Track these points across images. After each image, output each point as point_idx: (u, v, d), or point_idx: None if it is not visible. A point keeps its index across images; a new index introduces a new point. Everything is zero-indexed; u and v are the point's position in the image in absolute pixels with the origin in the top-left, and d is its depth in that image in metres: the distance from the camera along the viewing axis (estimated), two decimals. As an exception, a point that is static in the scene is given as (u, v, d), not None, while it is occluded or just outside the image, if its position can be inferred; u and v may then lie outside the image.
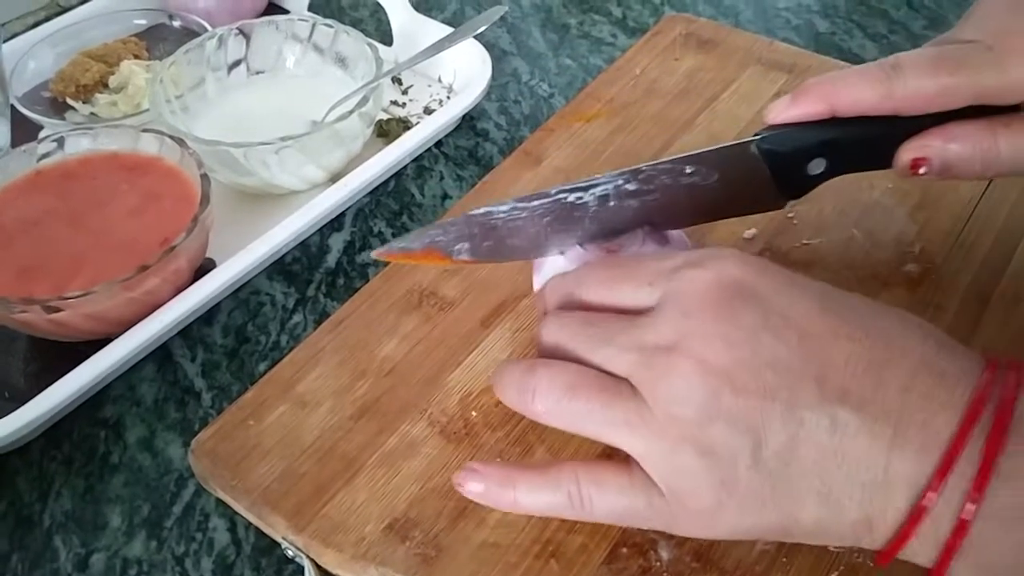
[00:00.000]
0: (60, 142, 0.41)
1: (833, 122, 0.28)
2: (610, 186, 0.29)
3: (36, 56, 0.50)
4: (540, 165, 0.43)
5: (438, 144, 0.48)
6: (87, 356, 0.35)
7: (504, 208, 0.29)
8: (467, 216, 0.30)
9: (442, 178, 0.46)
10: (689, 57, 0.49)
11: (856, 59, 0.52)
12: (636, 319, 0.25)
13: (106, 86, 0.49)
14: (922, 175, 0.28)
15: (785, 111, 0.28)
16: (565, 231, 0.30)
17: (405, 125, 0.48)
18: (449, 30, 0.49)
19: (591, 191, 0.29)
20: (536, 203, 0.29)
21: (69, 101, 0.49)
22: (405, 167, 0.46)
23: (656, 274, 0.25)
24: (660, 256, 0.26)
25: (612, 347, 0.24)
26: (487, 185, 0.42)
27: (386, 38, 0.52)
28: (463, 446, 0.32)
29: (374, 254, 0.31)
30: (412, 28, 0.51)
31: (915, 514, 0.21)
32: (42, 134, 0.46)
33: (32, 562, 0.32)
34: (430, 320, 0.36)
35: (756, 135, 0.29)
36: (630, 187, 0.29)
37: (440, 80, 0.51)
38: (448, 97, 0.50)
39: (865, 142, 0.29)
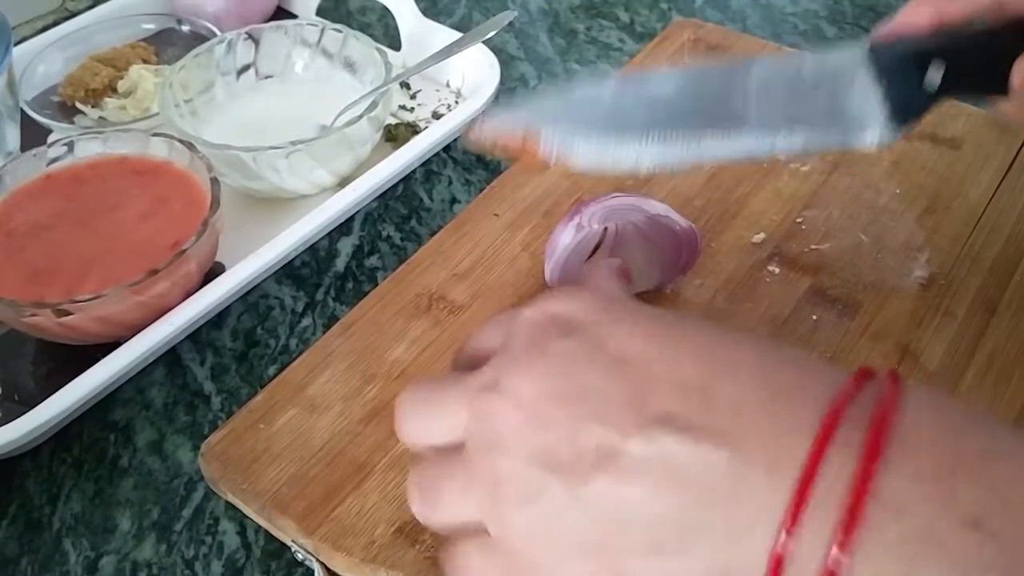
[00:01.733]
0: (70, 146, 0.41)
1: (947, 31, 0.26)
2: (698, 71, 0.28)
3: (45, 60, 0.50)
4: (548, 170, 0.43)
5: (446, 149, 0.48)
6: (97, 360, 0.35)
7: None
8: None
9: (450, 183, 0.46)
10: (697, 62, 0.49)
11: (863, 65, 0.52)
12: (476, 370, 0.22)
13: (115, 90, 0.49)
14: None
15: (891, 26, 0.26)
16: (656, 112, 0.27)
17: (414, 130, 0.48)
18: (457, 35, 0.49)
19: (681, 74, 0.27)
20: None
21: (78, 105, 0.49)
22: (414, 172, 0.46)
23: (504, 318, 0.23)
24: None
25: (446, 403, 0.22)
26: (495, 190, 0.42)
27: (394, 43, 0.52)
28: (473, 450, 0.32)
29: (471, 135, 0.28)
30: (420, 33, 0.51)
31: (773, 564, 0.17)
32: (51, 138, 0.47)
33: (42, 565, 0.32)
34: (439, 324, 0.36)
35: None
36: (713, 75, 0.27)
37: (448, 85, 0.51)
38: (456, 102, 0.50)
39: (982, 51, 0.26)
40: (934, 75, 0.26)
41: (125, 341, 0.36)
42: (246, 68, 0.48)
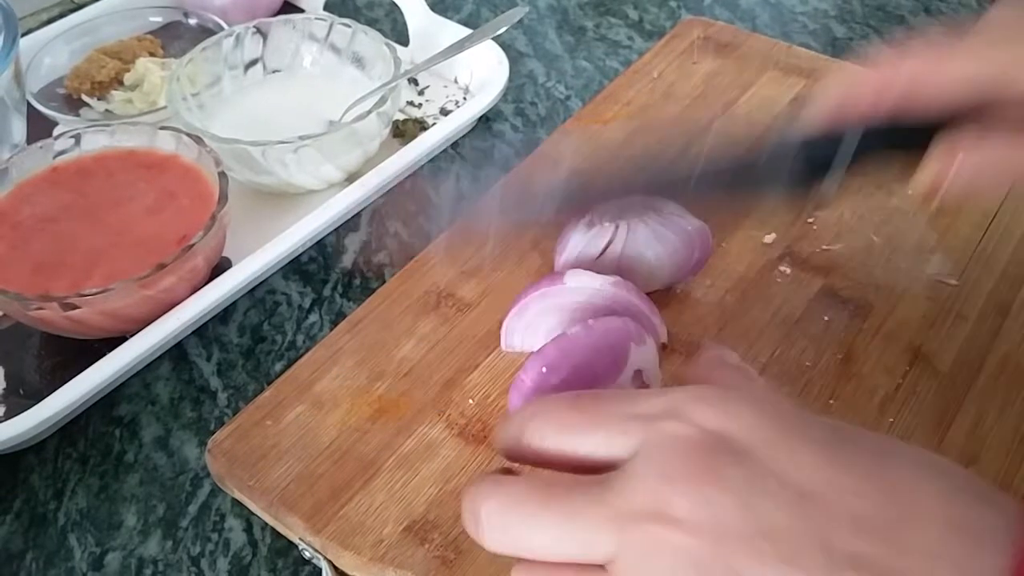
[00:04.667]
0: (77, 139, 0.41)
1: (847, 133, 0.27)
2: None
3: (51, 52, 0.50)
4: (557, 167, 0.43)
5: (454, 145, 0.47)
6: (102, 354, 0.35)
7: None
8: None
9: (458, 179, 0.46)
10: (707, 61, 0.48)
11: (873, 65, 0.52)
12: (605, 482, 0.20)
13: (121, 83, 0.49)
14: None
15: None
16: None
17: (422, 126, 0.48)
18: (465, 31, 0.49)
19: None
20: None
21: (84, 98, 0.48)
22: (421, 168, 0.46)
23: (630, 421, 0.21)
24: (630, 398, 0.22)
25: (579, 523, 0.20)
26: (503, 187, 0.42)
27: (402, 38, 0.52)
28: (482, 448, 0.32)
29: None
30: (429, 29, 0.51)
31: None
32: (57, 131, 0.46)
33: (47, 561, 0.32)
34: (448, 321, 0.36)
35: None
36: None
37: (456, 81, 0.51)
38: (464, 98, 0.50)
39: (888, 140, 0.27)
40: (829, 187, 0.28)
41: (131, 335, 0.36)
42: (254, 62, 0.48)
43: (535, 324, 0.33)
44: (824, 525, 0.19)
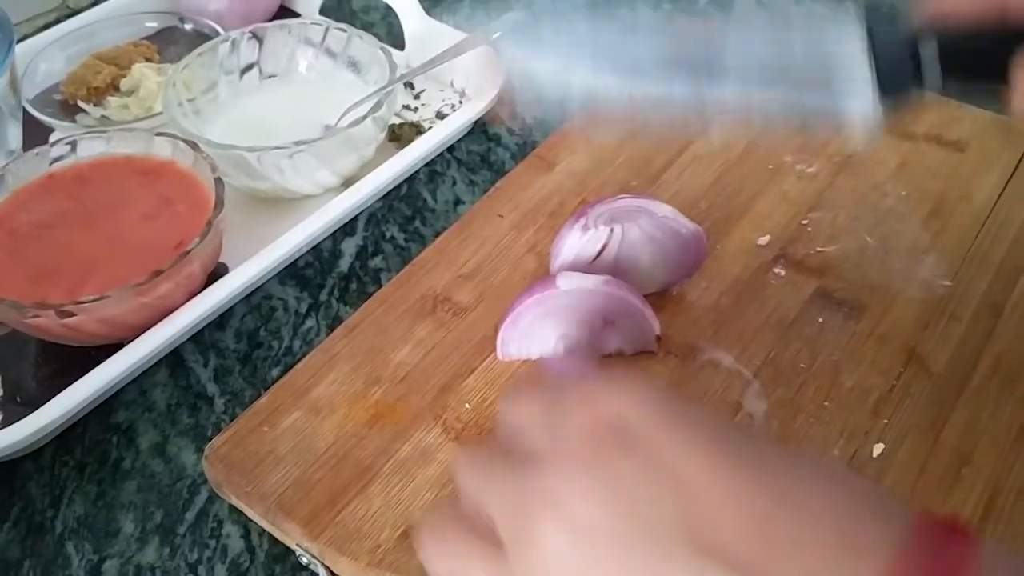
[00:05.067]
0: (73, 145, 0.41)
1: (947, 25, 0.24)
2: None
3: (47, 58, 0.50)
4: (553, 170, 0.43)
5: (450, 149, 0.47)
6: (99, 361, 0.35)
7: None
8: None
9: (454, 183, 0.46)
10: (701, 63, 0.49)
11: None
12: (523, 460, 0.22)
13: (117, 89, 0.49)
14: None
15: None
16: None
17: (417, 130, 0.48)
18: (461, 35, 0.49)
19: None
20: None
21: (80, 104, 0.49)
22: (417, 172, 0.46)
23: (551, 403, 0.22)
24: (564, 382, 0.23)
25: (493, 492, 0.22)
26: (500, 191, 0.42)
27: (397, 42, 0.52)
28: (478, 453, 0.32)
29: None
30: (424, 32, 0.51)
31: None
32: (53, 137, 0.46)
33: (44, 569, 0.32)
34: (444, 326, 0.36)
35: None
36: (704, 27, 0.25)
37: (452, 84, 0.51)
38: (460, 101, 0.50)
39: (982, 43, 0.25)
40: (929, 56, 0.24)
41: (128, 342, 0.36)
42: (250, 67, 0.48)
43: (530, 332, 0.34)
44: (706, 523, 0.19)
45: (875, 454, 0.31)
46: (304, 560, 0.30)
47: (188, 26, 0.53)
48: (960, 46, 0.25)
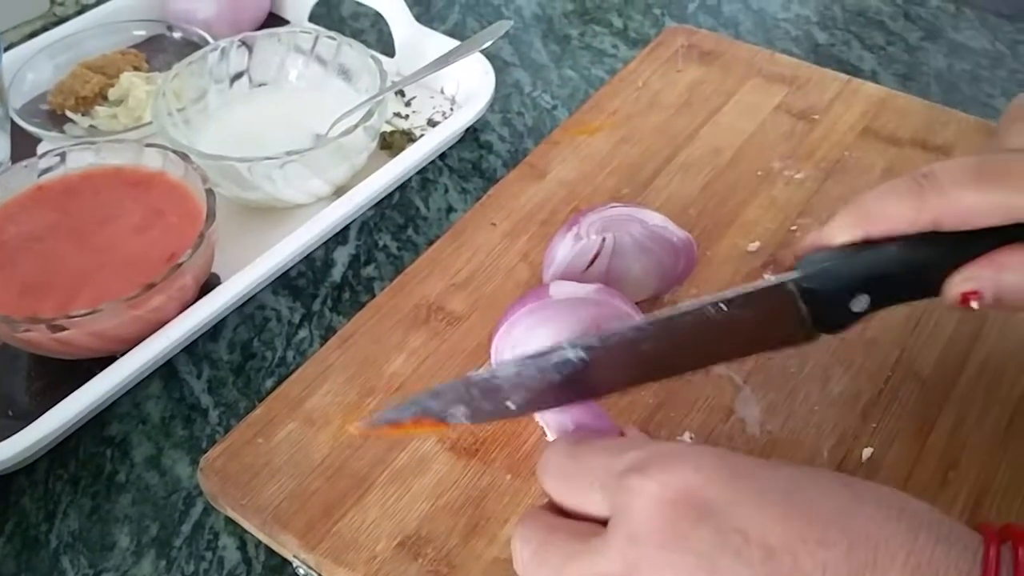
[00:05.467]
0: (62, 157, 0.41)
1: (874, 252, 0.26)
2: (627, 334, 0.26)
3: (34, 67, 0.50)
4: (545, 178, 0.43)
5: (442, 156, 0.48)
6: (92, 374, 0.35)
7: (509, 371, 0.26)
8: (464, 379, 0.26)
9: (446, 191, 0.46)
10: (691, 69, 0.49)
11: (855, 70, 0.53)
12: (589, 542, 0.22)
13: (105, 98, 0.49)
14: (975, 309, 0.25)
15: (817, 245, 0.26)
16: (573, 387, 0.26)
17: (409, 137, 0.48)
18: (451, 41, 0.49)
19: (605, 342, 0.26)
20: (542, 361, 0.26)
21: (68, 114, 0.48)
22: (409, 180, 0.46)
23: (605, 475, 0.22)
24: (612, 449, 0.23)
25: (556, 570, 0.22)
26: (492, 199, 0.42)
27: (388, 49, 0.52)
28: (473, 462, 0.32)
29: (352, 429, 0.28)
30: (414, 40, 0.51)
31: None
32: (41, 147, 0.46)
33: (40, 583, 0.32)
34: (438, 335, 0.36)
35: (793, 272, 0.26)
36: (644, 335, 0.26)
37: (443, 92, 0.51)
38: (451, 109, 0.50)
39: (910, 271, 0.26)
40: (860, 302, 0.26)
41: (121, 355, 0.36)
42: (239, 76, 0.48)
43: (523, 342, 0.34)
44: None
45: (864, 458, 0.32)
46: (301, 571, 0.30)
47: (176, 34, 0.53)
48: (892, 271, 0.26)
